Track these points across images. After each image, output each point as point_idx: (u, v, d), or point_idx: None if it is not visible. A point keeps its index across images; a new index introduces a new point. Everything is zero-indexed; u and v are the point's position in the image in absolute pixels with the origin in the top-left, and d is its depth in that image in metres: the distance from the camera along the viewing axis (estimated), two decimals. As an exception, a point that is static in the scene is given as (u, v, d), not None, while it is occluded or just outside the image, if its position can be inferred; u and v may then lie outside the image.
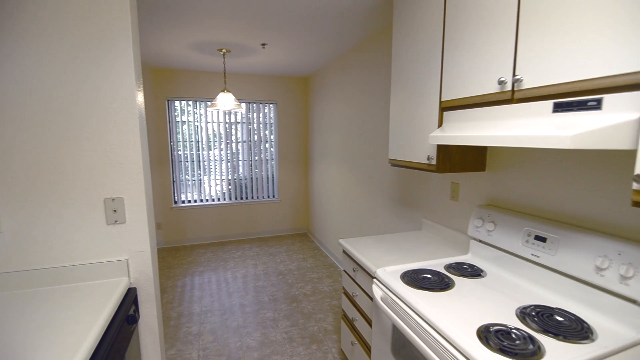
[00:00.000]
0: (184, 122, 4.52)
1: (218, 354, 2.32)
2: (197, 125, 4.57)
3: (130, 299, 1.38)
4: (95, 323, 1.09)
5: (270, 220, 5.03)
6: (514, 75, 1.11)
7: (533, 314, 1.11)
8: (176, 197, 4.60)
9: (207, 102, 4.53)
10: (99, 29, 1.30)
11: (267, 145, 4.91)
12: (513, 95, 1.11)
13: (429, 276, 1.42)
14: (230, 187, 4.82)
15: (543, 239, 1.29)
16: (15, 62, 1.23)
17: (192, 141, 4.57)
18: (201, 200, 4.72)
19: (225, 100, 3.18)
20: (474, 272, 1.46)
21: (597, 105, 0.87)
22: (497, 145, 1.04)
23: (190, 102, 4.49)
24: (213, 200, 4.78)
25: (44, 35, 1.25)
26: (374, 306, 1.52)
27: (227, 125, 4.68)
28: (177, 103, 4.44)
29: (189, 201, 4.67)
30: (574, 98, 0.92)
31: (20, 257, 1.32)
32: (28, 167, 1.29)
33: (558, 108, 0.96)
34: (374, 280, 1.51)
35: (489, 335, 0.99)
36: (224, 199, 4.82)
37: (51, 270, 1.34)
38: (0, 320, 1.10)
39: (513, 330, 1.02)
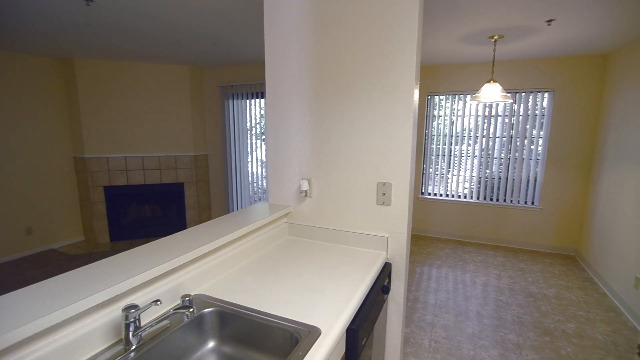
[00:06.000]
0: (440, 116, 4.59)
1: (449, 353, 2.28)
2: (452, 120, 4.52)
3: (386, 271, 1.59)
4: (363, 281, 1.33)
5: (524, 230, 4.30)
6: None
7: None
8: (423, 189, 4.81)
9: (467, 95, 4.37)
10: (390, 35, 1.51)
11: (532, 141, 4.16)
12: None
13: None
14: (479, 185, 4.50)
15: None
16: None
17: (444, 135, 4.59)
18: (446, 195, 4.70)
19: (491, 92, 2.94)
20: None
21: None
22: None
23: (448, 96, 4.49)
24: (459, 196, 4.64)
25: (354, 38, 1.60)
26: None
27: (484, 119, 4.34)
28: (436, 98, 4.56)
29: (435, 194, 4.76)
30: None
31: (321, 217, 1.81)
32: (333, 153, 1.72)
33: None
34: None
35: None
36: (470, 197, 4.56)
37: (337, 232, 1.76)
38: (310, 260, 1.57)
39: None
